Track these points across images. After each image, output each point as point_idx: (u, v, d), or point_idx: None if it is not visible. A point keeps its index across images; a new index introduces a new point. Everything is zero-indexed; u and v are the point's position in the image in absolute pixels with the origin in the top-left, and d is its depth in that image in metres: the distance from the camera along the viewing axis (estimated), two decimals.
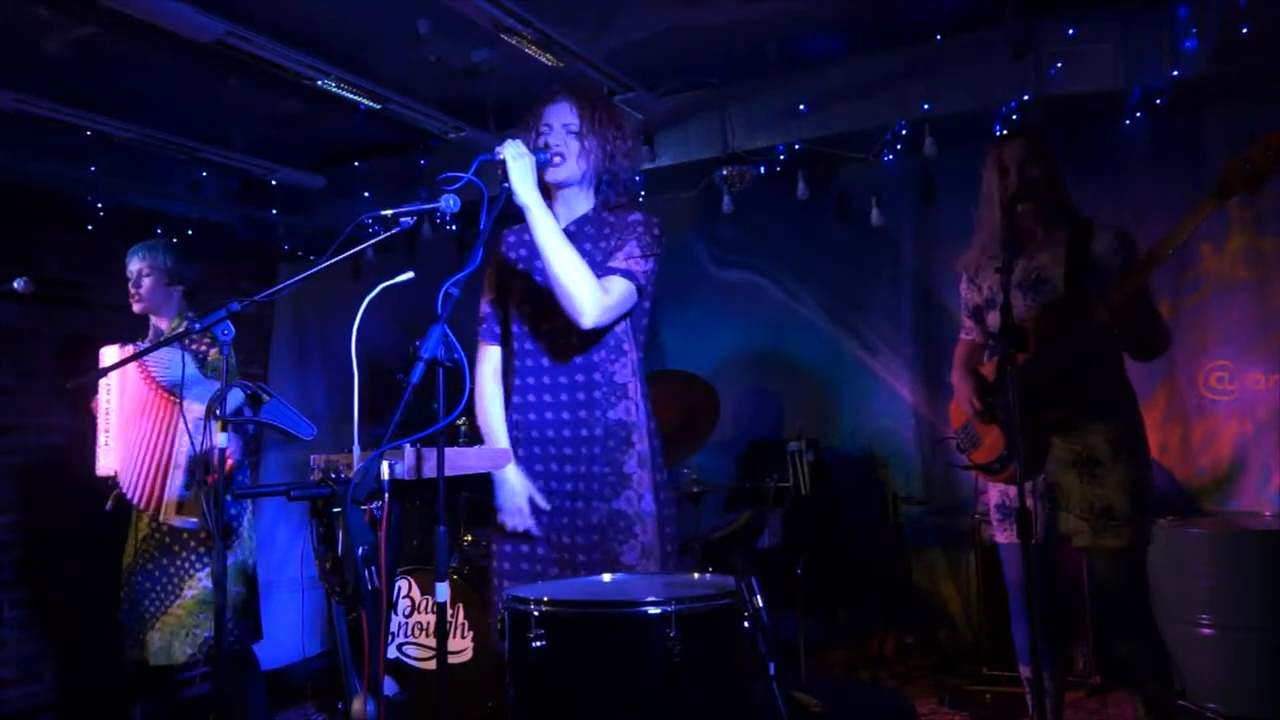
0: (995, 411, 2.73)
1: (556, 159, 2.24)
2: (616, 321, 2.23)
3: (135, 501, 3.09)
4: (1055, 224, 2.68)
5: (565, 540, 2.25)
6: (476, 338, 2.39)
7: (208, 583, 3.14)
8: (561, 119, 2.28)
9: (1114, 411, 2.58)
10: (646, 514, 2.23)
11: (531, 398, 2.30)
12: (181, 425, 3.00)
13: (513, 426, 2.33)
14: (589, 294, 2.09)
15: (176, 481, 3.03)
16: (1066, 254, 2.63)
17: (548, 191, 2.30)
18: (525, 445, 2.30)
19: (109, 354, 3.16)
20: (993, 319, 2.79)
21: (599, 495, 2.22)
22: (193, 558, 3.15)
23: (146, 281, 3.27)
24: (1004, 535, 2.75)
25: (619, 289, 2.16)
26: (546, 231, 2.11)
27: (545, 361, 2.28)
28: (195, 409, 2.97)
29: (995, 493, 2.79)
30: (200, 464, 2.96)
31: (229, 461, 3.00)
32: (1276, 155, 2.24)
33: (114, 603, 3.22)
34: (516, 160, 2.10)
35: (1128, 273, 2.46)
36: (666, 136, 4.40)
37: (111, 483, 3.17)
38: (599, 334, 2.23)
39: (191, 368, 3.03)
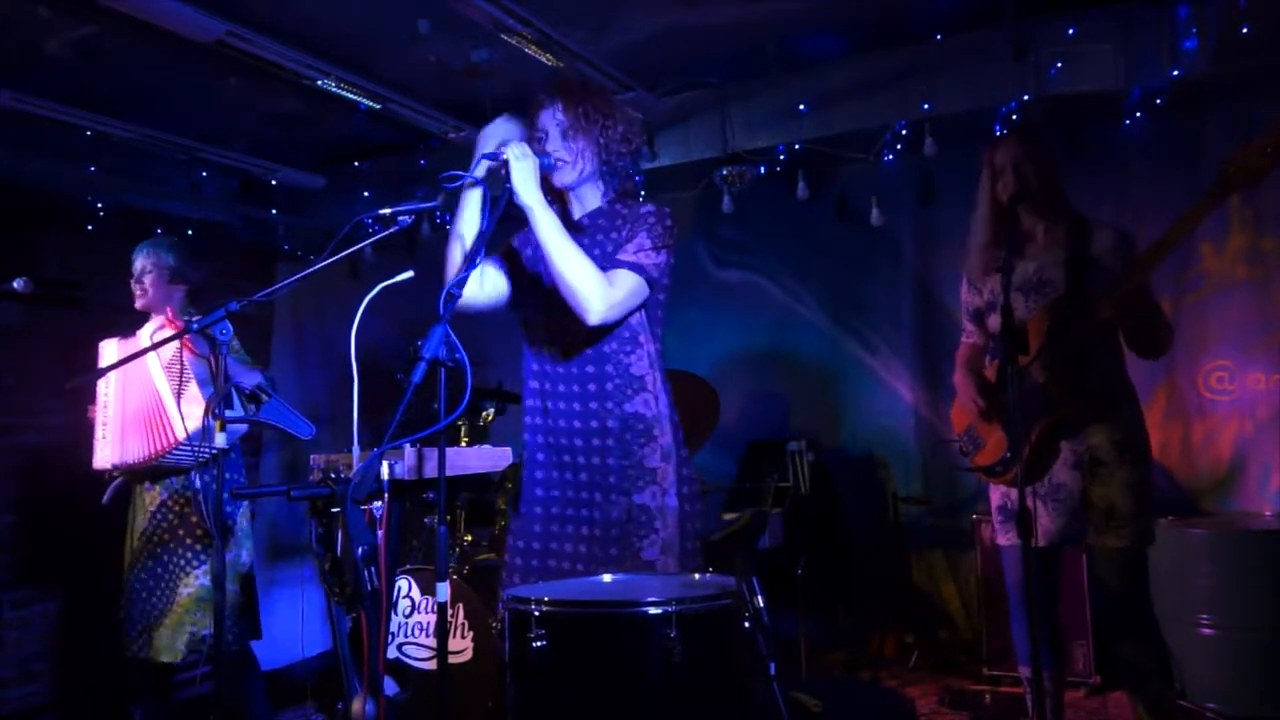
0: (999, 412, 2.73)
1: (560, 164, 2.24)
2: (628, 315, 2.22)
3: (139, 457, 3.06)
4: (1054, 224, 2.68)
5: (585, 530, 2.23)
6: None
7: (203, 580, 3.14)
8: (553, 121, 2.27)
9: (1116, 412, 2.58)
10: (669, 509, 2.21)
11: (547, 386, 2.29)
12: (190, 388, 2.99)
13: (526, 426, 2.33)
14: (594, 291, 2.09)
15: (165, 400, 3.00)
16: (1067, 254, 2.63)
17: (560, 195, 2.31)
18: (535, 440, 2.29)
19: (108, 348, 3.16)
20: (993, 321, 2.78)
21: (618, 488, 2.19)
22: (189, 555, 3.15)
23: (148, 278, 3.28)
24: (1005, 538, 2.75)
25: (626, 283, 2.15)
26: (549, 231, 2.11)
27: (556, 356, 2.28)
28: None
29: (997, 495, 2.78)
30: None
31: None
32: (1275, 152, 2.23)
33: (114, 603, 3.22)
34: (520, 161, 2.10)
35: (1130, 270, 2.46)
36: (666, 136, 4.40)
37: (109, 477, 3.17)
38: (610, 326, 2.21)
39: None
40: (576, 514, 2.24)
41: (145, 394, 3.08)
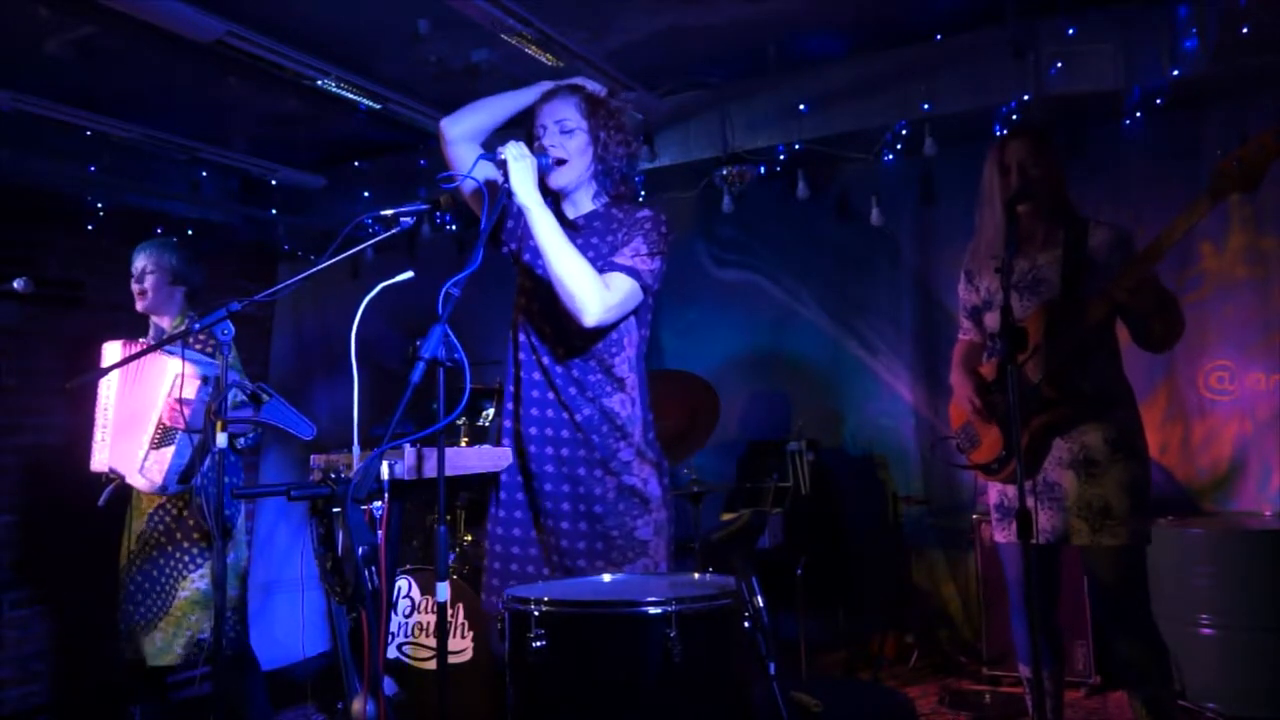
0: (994, 410, 2.74)
1: (559, 164, 2.24)
2: (624, 319, 2.23)
3: (126, 473, 3.06)
4: (1054, 223, 2.68)
5: (566, 507, 2.24)
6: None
7: (201, 584, 3.12)
8: (556, 117, 2.28)
9: (1111, 411, 2.58)
10: (653, 495, 2.24)
11: (534, 357, 2.30)
12: (171, 398, 2.96)
13: (514, 399, 2.34)
14: (591, 293, 2.09)
15: (145, 432, 2.99)
16: (1064, 254, 2.63)
17: (556, 194, 2.31)
18: (525, 413, 2.30)
19: (111, 350, 3.16)
20: (990, 319, 2.79)
21: (601, 465, 2.22)
22: (186, 558, 3.14)
23: (150, 279, 3.25)
24: (1003, 535, 2.75)
25: (622, 286, 2.15)
26: (547, 232, 2.12)
27: (543, 350, 2.29)
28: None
29: (994, 492, 2.79)
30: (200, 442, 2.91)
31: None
32: (1269, 154, 2.24)
33: (113, 603, 3.21)
34: (518, 161, 2.10)
35: (1125, 270, 2.47)
36: (666, 136, 4.40)
37: (105, 479, 3.17)
38: (603, 329, 2.23)
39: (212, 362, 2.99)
40: (557, 490, 2.25)
41: (144, 409, 3.06)
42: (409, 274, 2.11)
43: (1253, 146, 2.25)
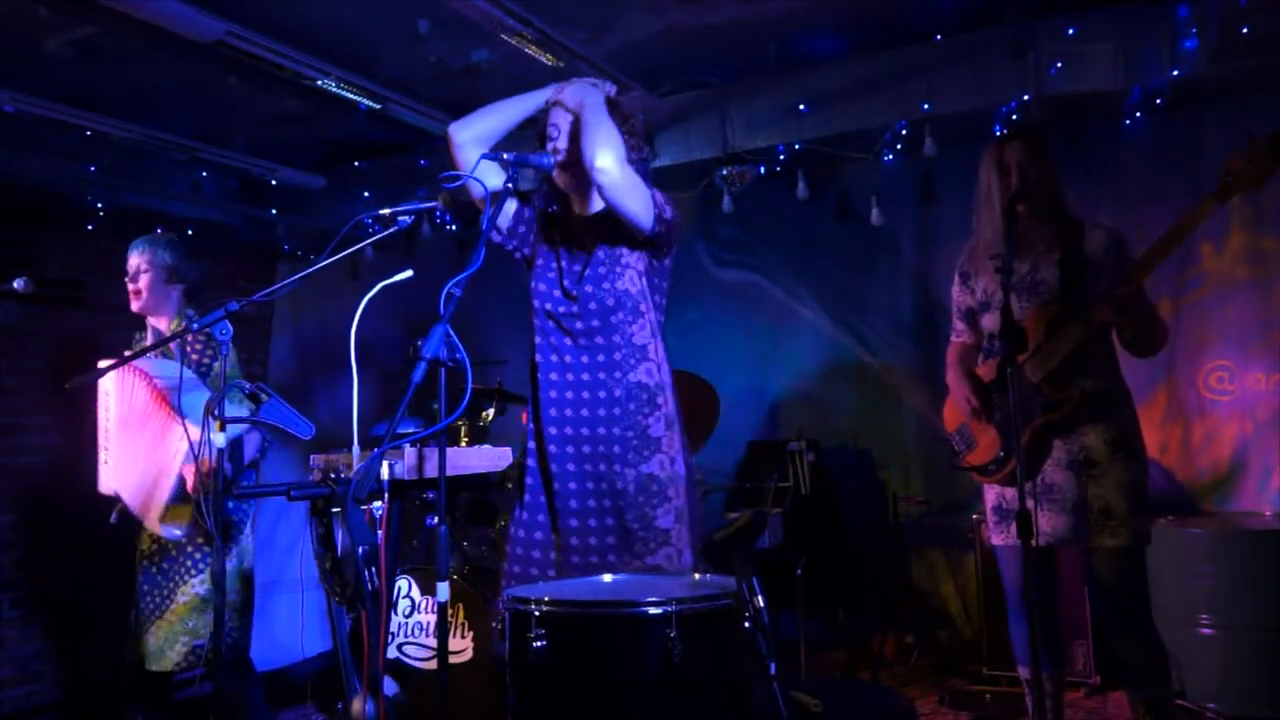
0: (992, 411, 2.73)
1: (560, 161, 2.26)
2: (628, 221, 2.23)
3: (136, 511, 3.05)
4: (1051, 225, 2.68)
5: (592, 504, 2.25)
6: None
7: (201, 589, 3.10)
8: (565, 119, 2.30)
9: (1110, 412, 2.58)
10: (679, 477, 2.25)
11: (554, 358, 2.31)
12: (177, 433, 2.90)
13: (533, 402, 2.34)
14: (618, 151, 2.14)
15: (164, 488, 2.95)
16: (1061, 255, 2.63)
17: (565, 197, 2.33)
18: (544, 414, 2.30)
19: (105, 368, 3.15)
20: (988, 321, 2.78)
21: (622, 459, 2.23)
22: (189, 562, 3.12)
23: (144, 278, 3.17)
24: (1000, 537, 2.75)
25: (639, 179, 2.22)
26: (596, 112, 2.19)
27: (564, 329, 2.30)
28: (191, 418, 2.90)
29: (991, 495, 2.78)
30: (197, 471, 2.89)
31: (240, 457, 2.92)
32: (1277, 155, 2.24)
33: (114, 603, 3.20)
34: (580, 87, 2.24)
35: (1129, 273, 2.47)
36: (666, 136, 4.40)
37: (116, 496, 3.15)
38: (615, 296, 2.24)
39: (190, 375, 2.96)
40: (581, 488, 2.26)
41: (149, 455, 2.99)
42: (408, 273, 2.11)
43: (1260, 145, 2.26)
